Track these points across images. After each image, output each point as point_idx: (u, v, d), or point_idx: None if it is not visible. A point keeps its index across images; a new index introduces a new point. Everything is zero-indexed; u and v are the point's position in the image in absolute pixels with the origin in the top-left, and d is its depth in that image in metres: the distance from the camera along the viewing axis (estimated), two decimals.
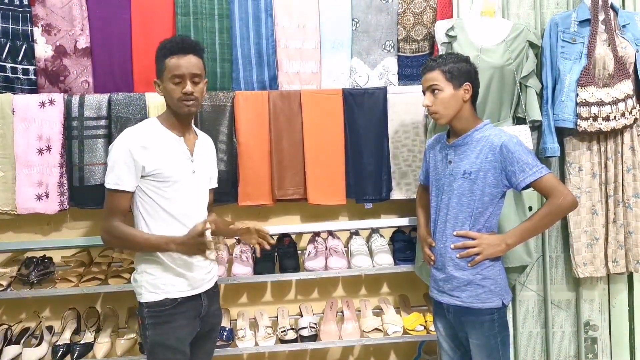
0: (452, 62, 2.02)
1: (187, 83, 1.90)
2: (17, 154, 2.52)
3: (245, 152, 2.67)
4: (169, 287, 1.93)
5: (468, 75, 2.03)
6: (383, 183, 2.73)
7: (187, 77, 1.90)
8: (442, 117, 2.03)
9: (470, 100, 2.03)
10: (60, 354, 2.53)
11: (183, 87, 1.89)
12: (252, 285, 2.93)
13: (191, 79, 1.91)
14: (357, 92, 2.73)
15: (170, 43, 1.94)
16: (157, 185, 1.91)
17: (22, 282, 2.55)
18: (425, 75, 2.06)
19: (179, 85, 1.90)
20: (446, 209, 2.05)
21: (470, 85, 2.02)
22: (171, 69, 1.89)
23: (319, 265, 2.66)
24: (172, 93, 1.91)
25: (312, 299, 2.99)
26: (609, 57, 2.53)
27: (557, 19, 2.62)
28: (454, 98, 2.00)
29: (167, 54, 1.91)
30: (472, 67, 2.06)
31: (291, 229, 2.84)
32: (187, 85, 1.89)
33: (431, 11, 2.79)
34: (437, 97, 2.01)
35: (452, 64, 2.02)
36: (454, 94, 2.00)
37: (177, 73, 1.89)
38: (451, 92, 2.00)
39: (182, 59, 1.90)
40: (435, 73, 2.02)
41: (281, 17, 2.76)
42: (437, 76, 2.01)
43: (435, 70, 2.02)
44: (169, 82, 1.90)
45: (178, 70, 1.89)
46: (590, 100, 2.50)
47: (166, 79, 1.91)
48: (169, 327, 1.92)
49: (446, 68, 2.01)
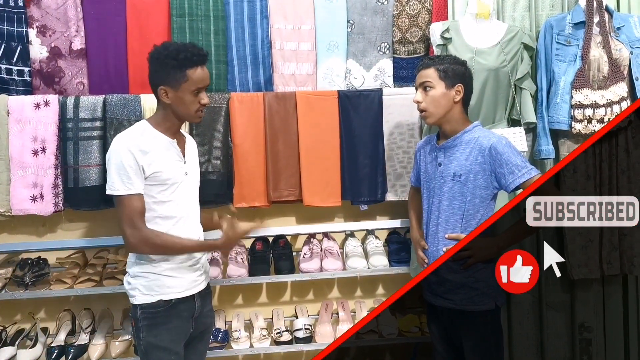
0: (448, 63, 2.04)
1: (204, 94, 1.91)
2: (12, 155, 2.51)
3: (241, 153, 2.67)
4: (164, 288, 1.93)
5: (462, 77, 2.04)
6: (378, 185, 2.73)
7: (205, 88, 1.92)
8: (431, 116, 2.04)
9: (461, 103, 2.04)
10: (55, 355, 2.52)
11: (201, 98, 1.90)
12: (247, 286, 2.93)
13: (206, 90, 1.94)
14: (353, 93, 2.73)
15: (191, 54, 1.87)
16: (153, 188, 1.90)
17: (17, 283, 2.54)
18: (419, 72, 2.08)
19: (197, 97, 1.90)
20: (437, 212, 2.05)
21: (462, 87, 2.03)
22: (196, 82, 1.88)
23: (314, 267, 2.66)
24: (190, 105, 1.90)
25: (307, 301, 2.99)
26: (603, 59, 2.54)
27: (551, 21, 2.63)
28: (444, 97, 2.01)
29: (190, 65, 1.87)
30: (467, 71, 2.08)
31: (286, 230, 2.84)
32: (205, 96, 1.91)
33: (426, 13, 2.79)
34: (428, 94, 2.03)
35: (447, 64, 2.04)
36: (445, 93, 2.01)
37: (201, 86, 1.89)
38: (442, 91, 2.01)
39: (204, 71, 1.90)
40: (430, 70, 2.04)
41: (276, 19, 2.76)
42: (430, 73, 2.03)
43: (430, 67, 2.04)
44: (188, 93, 1.88)
45: (202, 83, 1.89)
46: (585, 102, 2.51)
47: (185, 90, 1.88)
48: (163, 328, 1.92)
49: (441, 67, 2.03)
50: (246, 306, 2.96)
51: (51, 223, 2.78)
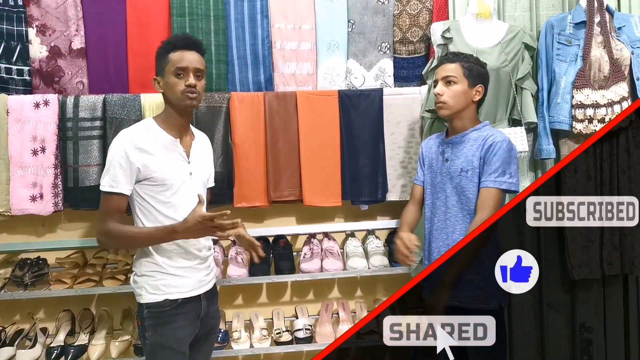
0: (473, 62, 2.08)
1: (190, 76, 1.91)
2: (12, 154, 2.51)
3: (241, 153, 2.67)
4: (170, 288, 1.92)
5: (483, 79, 2.08)
6: (379, 185, 2.73)
7: (191, 70, 1.92)
8: (448, 109, 2.06)
9: (476, 103, 2.08)
10: (54, 355, 2.51)
11: (186, 80, 1.90)
12: (248, 286, 2.92)
13: (194, 74, 1.92)
14: (353, 93, 2.72)
15: (174, 39, 1.98)
16: (154, 189, 1.90)
17: (16, 283, 2.53)
18: (443, 66, 2.09)
19: (182, 79, 1.91)
20: (444, 207, 2.06)
21: (483, 88, 2.07)
22: (175, 62, 1.90)
23: (314, 267, 2.66)
24: (174, 86, 1.91)
25: (308, 301, 2.99)
26: (604, 59, 2.54)
27: (552, 21, 2.63)
28: (465, 95, 2.04)
29: (171, 49, 1.92)
30: (487, 73, 2.12)
31: (287, 230, 2.84)
32: (191, 77, 1.91)
33: (427, 13, 2.79)
34: (451, 88, 2.05)
35: (472, 63, 2.07)
36: (467, 91, 2.04)
37: (181, 66, 1.90)
38: (464, 88, 2.04)
39: (186, 54, 1.92)
40: (456, 65, 2.06)
41: (277, 19, 2.76)
42: (456, 69, 2.05)
43: (456, 62, 2.07)
44: (171, 75, 1.91)
45: (182, 63, 1.90)
46: (586, 102, 2.51)
47: (168, 73, 1.91)
48: (169, 328, 1.91)
49: (466, 65, 2.06)
50: (246, 306, 2.95)
51: (51, 223, 2.77)
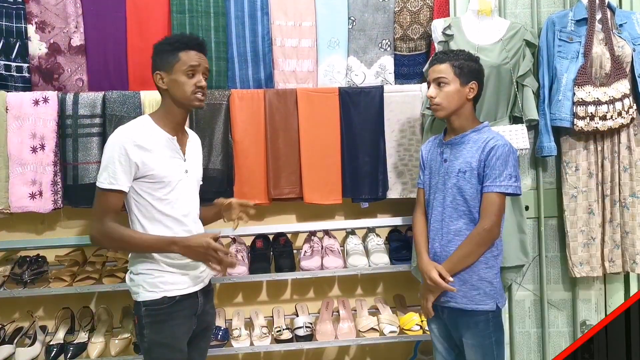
0: (463, 59, 2.04)
1: (200, 76, 1.92)
2: (11, 152, 2.49)
3: (241, 151, 2.66)
4: (168, 285, 1.91)
5: (476, 75, 2.04)
6: (379, 182, 2.72)
7: (201, 71, 1.93)
8: (442, 110, 2.03)
9: (472, 100, 2.05)
10: (53, 353, 2.51)
11: (197, 80, 1.91)
12: (248, 284, 2.92)
13: (203, 74, 1.94)
14: (354, 91, 2.71)
15: (186, 38, 1.96)
16: (151, 186, 1.89)
17: (16, 281, 2.53)
18: (433, 67, 2.06)
19: (192, 79, 1.91)
20: (441, 208, 2.04)
21: (476, 84, 2.04)
22: (187, 61, 1.90)
23: (314, 265, 2.65)
24: (184, 85, 1.90)
25: (308, 299, 2.98)
26: (605, 56, 2.53)
27: (554, 18, 2.62)
28: (458, 94, 2.01)
29: (183, 47, 1.91)
30: (480, 68, 2.08)
31: (287, 228, 2.83)
32: (201, 78, 1.92)
33: (428, 10, 2.78)
34: (443, 90, 2.02)
35: (462, 60, 2.03)
36: (460, 90, 2.01)
37: (193, 64, 1.90)
38: (457, 88, 2.01)
39: (198, 54, 1.93)
40: (445, 66, 2.03)
41: (277, 16, 2.75)
42: (446, 69, 2.02)
43: (445, 63, 2.03)
44: (182, 74, 1.90)
45: (195, 62, 1.91)
46: (587, 99, 2.50)
47: (178, 71, 1.90)
48: (167, 325, 1.90)
49: (457, 63, 2.02)
50: (246, 304, 2.95)
51: (50, 220, 2.77)
